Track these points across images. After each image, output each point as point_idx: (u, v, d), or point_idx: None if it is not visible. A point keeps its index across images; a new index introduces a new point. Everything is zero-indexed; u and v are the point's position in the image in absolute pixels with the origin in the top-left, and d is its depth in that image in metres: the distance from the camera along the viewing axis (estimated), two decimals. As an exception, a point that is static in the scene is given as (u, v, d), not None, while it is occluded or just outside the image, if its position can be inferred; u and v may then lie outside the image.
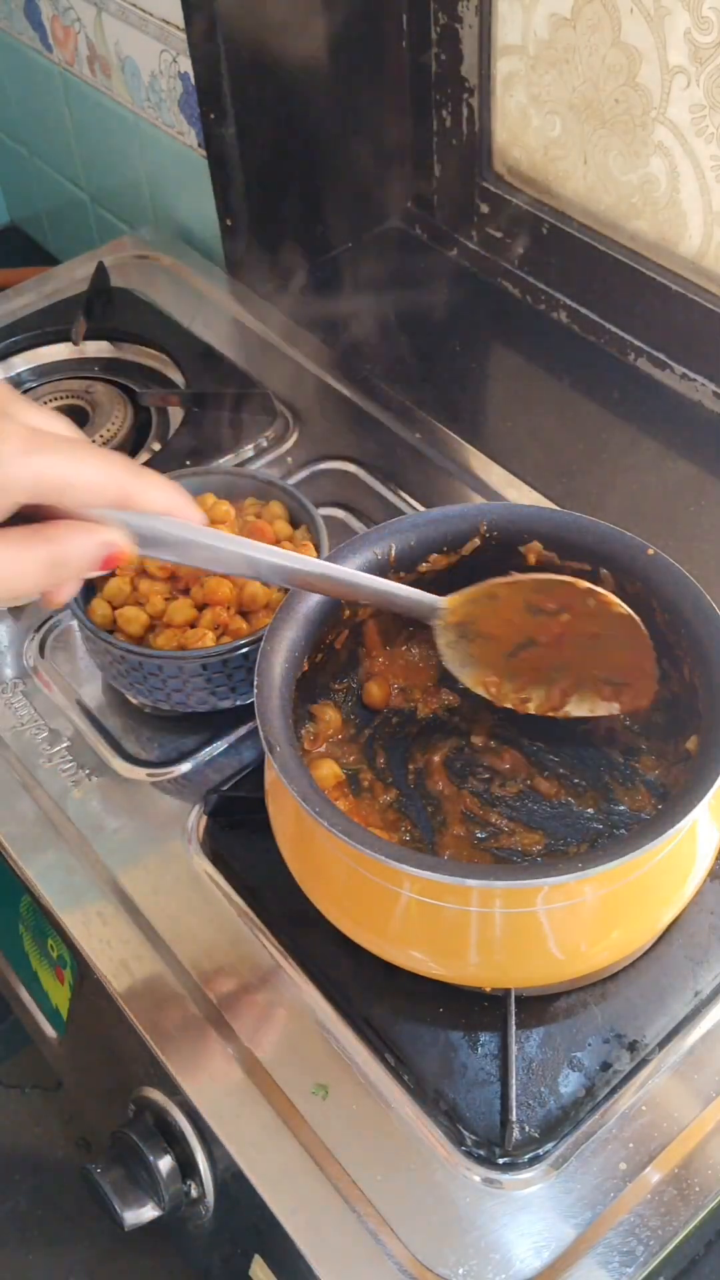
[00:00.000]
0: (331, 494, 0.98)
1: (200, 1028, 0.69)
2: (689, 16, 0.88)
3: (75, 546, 0.52)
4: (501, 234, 1.14)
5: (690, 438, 1.00)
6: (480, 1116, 0.64)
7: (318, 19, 1.07)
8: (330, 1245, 0.61)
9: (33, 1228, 1.23)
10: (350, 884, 0.64)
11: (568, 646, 0.69)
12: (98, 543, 0.52)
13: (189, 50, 1.08)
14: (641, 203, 1.00)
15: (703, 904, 0.71)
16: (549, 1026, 0.67)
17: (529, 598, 0.68)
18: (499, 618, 0.68)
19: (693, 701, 0.66)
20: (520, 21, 1.02)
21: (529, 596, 0.68)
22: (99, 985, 0.72)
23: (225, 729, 0.82)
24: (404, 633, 0.79)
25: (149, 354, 1.13)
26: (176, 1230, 0.76)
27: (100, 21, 1.20)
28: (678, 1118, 0.64)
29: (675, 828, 0.58)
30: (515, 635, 0.69)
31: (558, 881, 0.58)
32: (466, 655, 0.70)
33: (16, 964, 0.88)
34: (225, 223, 1.17)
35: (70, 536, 0.52)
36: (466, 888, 0.60)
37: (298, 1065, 0.67)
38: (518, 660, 0.70)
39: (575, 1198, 0.62)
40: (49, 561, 0.51)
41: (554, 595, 0.68)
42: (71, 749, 0.83)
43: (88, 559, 0.52)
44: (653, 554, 0.69)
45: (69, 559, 0.52)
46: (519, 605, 0.68)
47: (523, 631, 0.69)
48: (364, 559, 0.72)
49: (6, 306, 1.19)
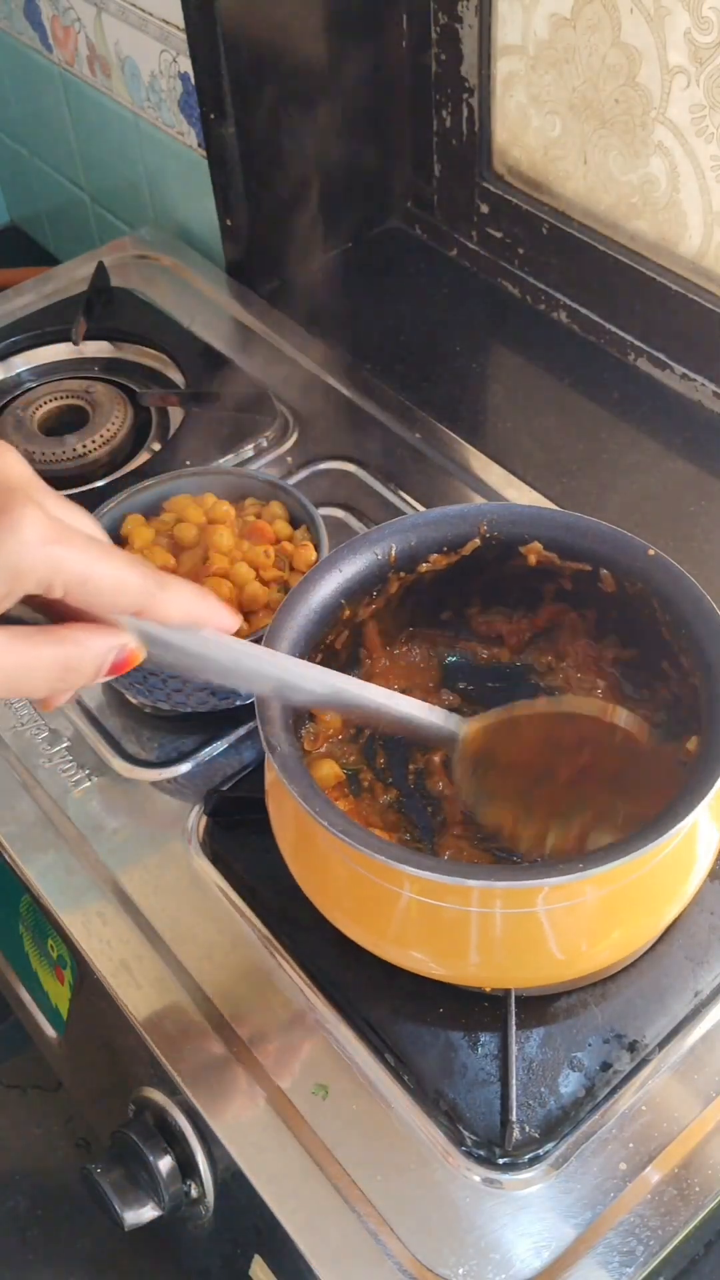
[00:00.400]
0: (331, 494, 0.98)
1: (200, 1028, 0.69)
2: (689, 16, 0.88)
3: (89, 651, 0.49)
4: (501, 234, 1.14)
5: (690, 438, 1.00)
6: (480, 1116, 0.64)
7: (318, 19, 1.07)
8: (330, 1245, 0.61)
9: (33, 1228, 1.23)
10: (350, 884, 0.64)
11: (589, 783, 0.67)
12: (111, 647, 0.50)
13: (189, 50, 1.08)
14: (641, 203, 1.00)
15: (703, 904, 0.71)
16: (549, 1026, 0.67)
17: (551, 730, 0.66)
18: (519, 747, 0.66)
19: (693, 702, 0.66)
20: (520, 21, 1.02)
21: (551, 729, 0.66)
22: (99, 985, 0.72)
23: (225, 729, 0.82)
24: (404, 633, 0.79)
25: (149, 354, 1.13)
26: (176, 1230, 0.76)
27: (100, 21, 1.20)
28: (678, 1118, 0.64)
29: (675, 828, 0.58)
30: (535, 768, 0.67)
31: (558, 882, 0.58)
32: (482, 788, 0.67)
33: (16, 964, 0.88)
34: (225, 223, 1.17)
35: (85, 639, 0.49)
36: (467, 888, 0.60)
37: (298, 1065, 0.67)
38: (536, 796, 0.67)
39: (575, 1198, 0.62)
40: (61, 664, 0.48)
41: (577, 727, 0.66)
42: (71, 749, 0.83)
43: (100, 665, 0.50)
44: (653, 554, 0.69)
45: (82, 664, 0.49)
46: (540, 737, 0.66)
47: (542, 764, 0.67)
48: (364, 559, 0.72)
49: (6, 306, 1.19)
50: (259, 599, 0.79)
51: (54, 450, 1.01)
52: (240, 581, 0.79)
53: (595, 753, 0.66)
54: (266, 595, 0.79)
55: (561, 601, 0.76)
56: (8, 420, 1.05)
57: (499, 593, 0.77)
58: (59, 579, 0.47)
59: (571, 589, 0.74)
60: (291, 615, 0.69)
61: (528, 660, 0.79)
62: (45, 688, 0.49)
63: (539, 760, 0.67)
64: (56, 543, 0.47)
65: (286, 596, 0.70)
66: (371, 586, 0.73)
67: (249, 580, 0.79)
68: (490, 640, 0.80)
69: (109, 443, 1.03)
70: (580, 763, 0.67)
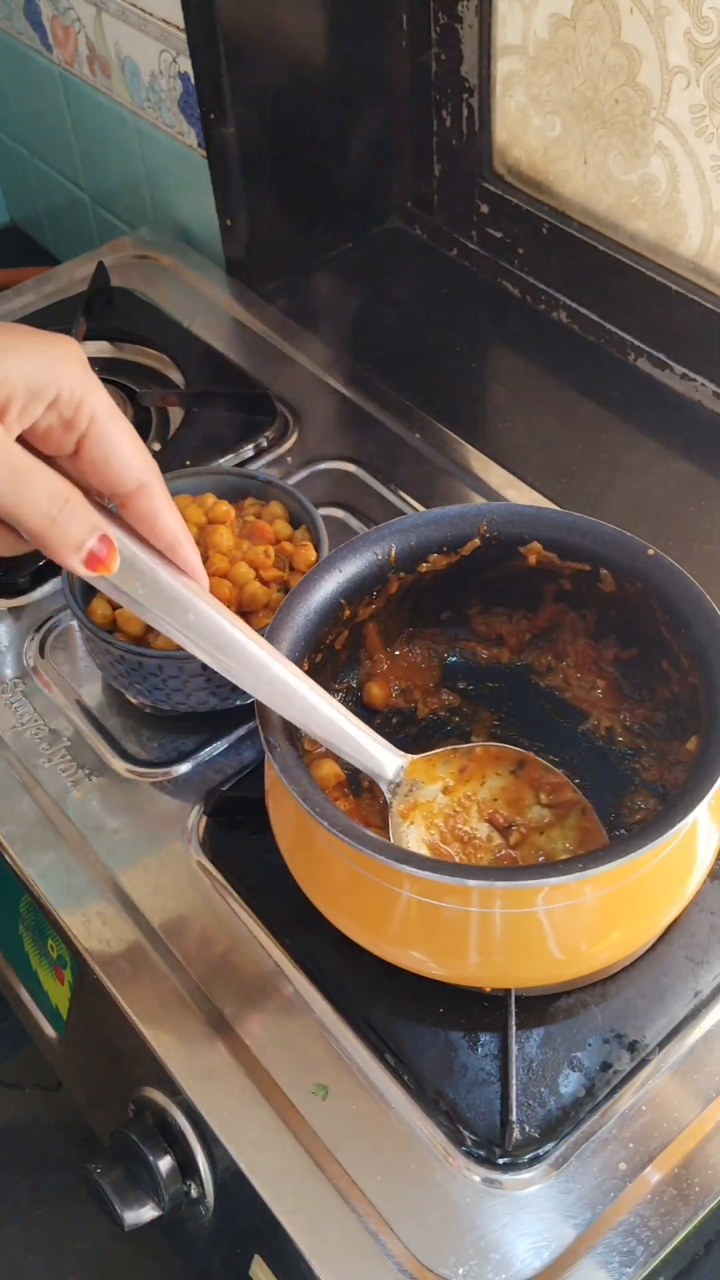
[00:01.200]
0: (331, 494, 0.98)
1: (200, 1028, 0.69)
2: (689, 16, 0.88)
3: (80, 510, 0.52)
4: (501, 234, 1.14)
5: (690, 438, 1.00)
6: (480, 1116, 0.64)
7: (318, 19, 1.07)
8: (330, 1245, 0.61)
9: (33, 1228, 1.23)
10: (350, 884, 0.64)
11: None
12: (97, 526, 0.53)
13: (189, 50, 1.08)
14: (641, 203, 1.00)
15: (703, 904, 0.71)
16: (549, 1026, 0.67)
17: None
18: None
19: (693, 702, 0.66)
20: (520, 21, 1.02)
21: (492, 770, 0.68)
22: (99, 985, 0.72)
23: (225, 729, 0.82)
24: (404, 633, 0.79)
25: (149, 354, 1.13)
26: (176, 1230, 0.76)
27: (100, 21, 1.20)
28: (678, 1118, 0.64)
29: (675, 828, 0.58)
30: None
31: (558, 882, 0.58)
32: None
33: (16, 964, 0.88)
34: (225, 223, 1.17)
35: (81, 498, 0.53)
36: (466, 888, 0.60)
37: (298, 1065, 0.67)
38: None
39: (575, 1198, 0.62)
40: (57, 498, 0.52)
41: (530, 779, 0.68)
42: (71, 749, 0.83)
43: (83, 538, 0.53)
44: (653, 554, 0.69)
45: (72, 517, 0.52)
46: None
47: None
48: (364, 559, 0.72)
49: (6, 306, 1.19)
50: (259, 599, 0.79)
51: (54, 450, 1.01)
52: (240, 581, 0.79)
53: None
54: (266, 595, 0.79)
55: (561, 601, 0.76)
56: (8, 420, 1.04)
57: (499, 593, 0.77)
58: (84, 411, 0.52)
59: (571, 589, 0.74)
60: (291, 615, 0.69)
61: (528, 660, 0.79)
62: (31, 512, 0.52)
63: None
64: (93, 380, 0.52)
65: (286, 596, 0.70)
66: (371, 586, 0.73)
67: (249, 580, 0.79)
68: (490, 640, 0.80)
69: (109, 443, 1.03)
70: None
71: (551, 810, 0.67)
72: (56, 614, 0.91)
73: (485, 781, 0.68)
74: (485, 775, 0.68)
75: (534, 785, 0.68)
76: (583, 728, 0.76)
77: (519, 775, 0.68)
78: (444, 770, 0.68)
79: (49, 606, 0.92)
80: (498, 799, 0.68)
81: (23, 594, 0.93)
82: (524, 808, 0.68)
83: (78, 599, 0.79)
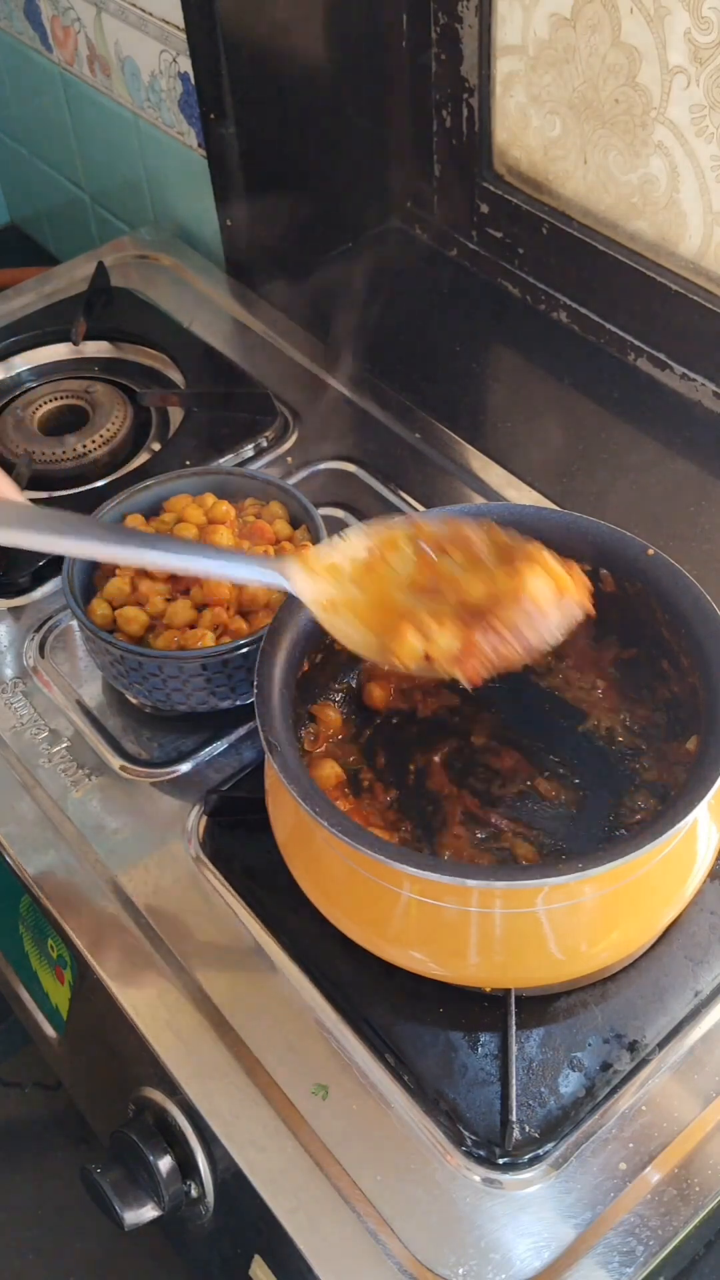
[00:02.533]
0: (331, 494, 0.98)
1: (200, 1027, 0.69)
2: (689, 16, 0.88)
3: None
4: (501, 234, 1.14)
5: (690, 438, 1.00)
6: (480, 1116, 0.64)
7: (318, 19, 1.07)
8: (330, 1245, 0.61)
9: (33, 1228, 1.23)
10: (350, 884, 0.64)
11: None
12: None
13: (189, 50, 1.08)
14: (641, 203, 1.00)
15: (703, 904, 0.71)
16: (549, 1026, 0.67)
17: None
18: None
19: (693, 701, 0.66)
20: (520, 21, 1.02)
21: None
22: (99, 985, 0.72)
23: (225, 729, 0.82)
24: (404, 633, 0.79)
25: (149, 354, 1.13)
26: (176, 1230, 0.76)
27: (100, 21, 1.20)
28: (678, 1118, 0.64)
29: (675, 828, 0.58)
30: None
31: (558, 881, 0.58)
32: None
33: (16, 964, 0.88)
34: (225, 223, 1.17)
35: None
36: (466, 888, 0.60)
37: (298, 1065, 0.67)
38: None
39: (575, 1198, 0.62)
40: None
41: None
42: (71, 749, 0.83)
43: None
44: (653, 554, 0.69)
45: None
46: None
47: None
48: (364, 559, 0.72)
49: (6, 306, 1.19)
50: (259, 599, 0.79)
51: (54, 450, 1.01)
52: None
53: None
54: (266, 595, 0.79)
55: (561, 601, 0.76)
56: (8, 420, 1.05)
57: (499, 593, 0.77)
58: None
59: (571, 589, 0.74)
60: (292, 615, 0.69)
61: (528, 660, 0.79)
62: None
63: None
64: None
65: (287, 597, 0.70)
66: (371, 586, 0.73)
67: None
68: (490, 640, 0.80)
69: (109, 443, 1.03)
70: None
71: (464, 561, 0.66)
72: (56, 614, 0.91)
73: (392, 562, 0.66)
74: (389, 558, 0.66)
75: (436, 546, 0.66)
76: (583, 728, 0.76)
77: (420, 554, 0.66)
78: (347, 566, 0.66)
79: (49, 606, 0.92)
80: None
81: (23, 594, 0.93)
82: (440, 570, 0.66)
83: (78, 599, 0.79)
